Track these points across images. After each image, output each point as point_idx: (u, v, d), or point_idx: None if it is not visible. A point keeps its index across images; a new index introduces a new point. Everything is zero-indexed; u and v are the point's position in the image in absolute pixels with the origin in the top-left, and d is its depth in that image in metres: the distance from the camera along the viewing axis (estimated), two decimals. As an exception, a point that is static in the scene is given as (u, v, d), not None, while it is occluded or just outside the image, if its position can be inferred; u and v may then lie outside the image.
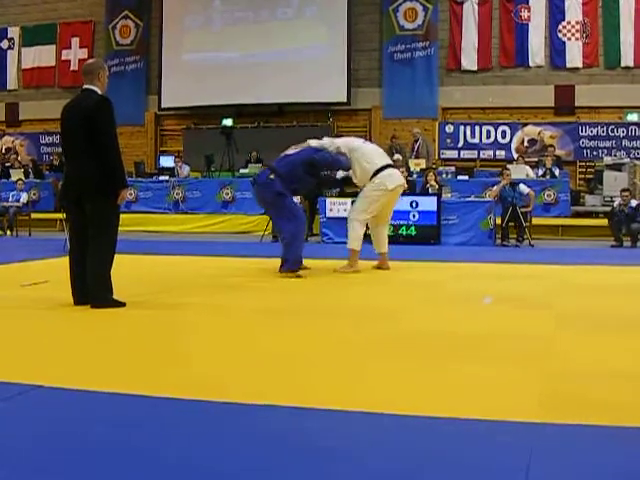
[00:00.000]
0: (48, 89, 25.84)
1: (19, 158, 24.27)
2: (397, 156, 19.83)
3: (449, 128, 21.77)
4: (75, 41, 25.62)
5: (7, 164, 23.32)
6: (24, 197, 19.03)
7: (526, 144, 21.31)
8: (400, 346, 5.64)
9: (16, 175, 21.10)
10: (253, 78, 22.80)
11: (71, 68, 25.58)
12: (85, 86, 7.53)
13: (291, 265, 10.02)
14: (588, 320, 6.79)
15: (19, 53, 26.32)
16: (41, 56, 25.96)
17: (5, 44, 26.42)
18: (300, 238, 10.35)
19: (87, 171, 7.22)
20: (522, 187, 16.20)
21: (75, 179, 7.34)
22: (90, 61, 8.24)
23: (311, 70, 22.54)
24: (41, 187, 21.56)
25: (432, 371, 4.83)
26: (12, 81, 26.41)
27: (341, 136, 13.52)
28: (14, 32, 26.31)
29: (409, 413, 3.90)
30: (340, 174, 11.08)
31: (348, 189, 12.62)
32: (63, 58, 25.73)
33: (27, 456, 3.32)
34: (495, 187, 16.36)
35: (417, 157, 20.33)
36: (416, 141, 20.85)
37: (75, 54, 25.64)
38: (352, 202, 11.76)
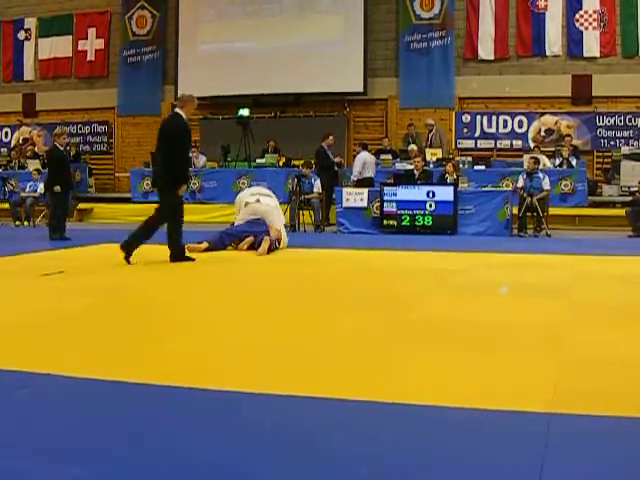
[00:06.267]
0: (65, 80, 25.88)
1: (36, 148, 24.35)
2: (412, 146, 19.82)
3: (466, 118, 21.70)
4: (91, 32, 25.60)
5: (27, 154, 23.42)
6: (41, 187, 19.06)
7: (543, 134, 21.21)
8: (415, 335, 5.65)
9: (32, 165, 21.17)
10: (270, 68, 22.74)
11: (88, 59, 25.59)
12: (176, 110, 10.66)
13: None
14: (604, 310, 6.78)
15: (36, 44, 26.28)
16: (58, 47, 25.94)
17: (22, 35, 26.43)
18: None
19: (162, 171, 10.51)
20: (545, 181, 16.15)
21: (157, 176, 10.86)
22: (185, 93, 11.27)
23: (327, 60, 22.44)
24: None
25: (447, 360, 4.84)
26: (29, 72, 26.41)
27: None
28: (31, 23, 26.30)
29: (423, 403, 3.91)
30: None
31: None
32: (80, 49, 25.73)
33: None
34: (520, 179, 16.31)
35: (431, 147, 20.27)
36: (430, 131, 20.80)
37: (91, 45, 25.62)
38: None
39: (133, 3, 24.99)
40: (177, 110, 10.67)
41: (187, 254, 10.80)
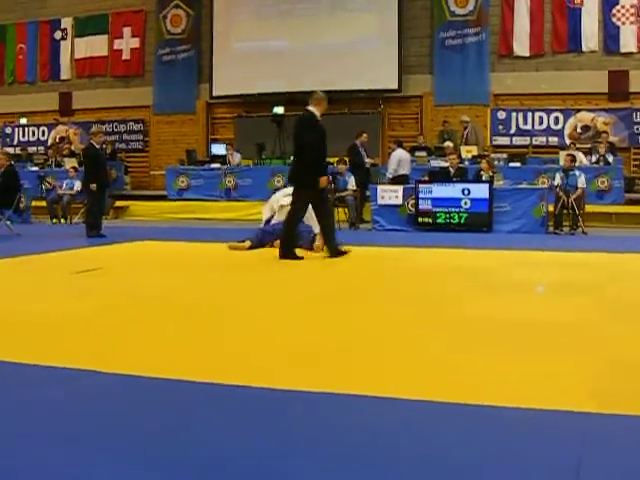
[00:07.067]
0: (100, 78, 26.09)
1: (72, 147, 24.53)
2: (447, 143, 19.77)
3: (501, 114, 21.61)
4: (127, 31, 25.78)
5: (64, 153, 23.59)
6: (77, 185, 19.19)
7: (579, 130, 21.07)
8: (450, 333, 5.65)
9: (69, 163, 21.31)
10: (304, 65, 22.79)
11: (123, 57, 25.78)
12: (308, 108, 11.12)
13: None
14: (642, 309, 6.73)
15: (72, 43, 26.53)
16: (93, 46, 26.16)
17: (58, 35, 26.66)
18: None
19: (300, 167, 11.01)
20: (581, 179, 16.02)
21: (296, 172, 11.14)
22: (319, 93, 11.49)
23: (362, 57, 22.44)
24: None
25: (483, 359, 4.83)
26: (65, 71, 26.65)
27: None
28: (67, 23, 26.54)
29: (460, 401, 3.91)
30: None
31: None
32: (115, 48, 25.91)
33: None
34: (557, 176, 16.20)
35: (466, 144, 20.22)
36: (465, 128, 20.74)
37: (127, 44, 25.81)
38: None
39: (168, 2, 25.11)
40: (310, 108, 11.14)
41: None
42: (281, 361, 4.84)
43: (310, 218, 12.67)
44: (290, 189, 14.04)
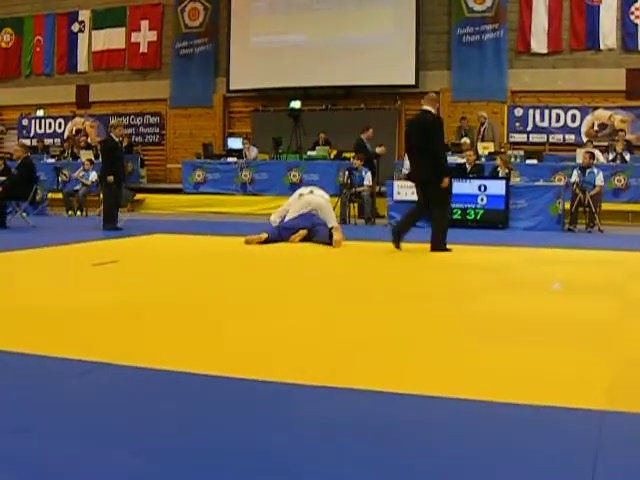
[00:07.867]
0: (118, 71, 26.13)
1: (88, 139, 24.58)
2: (464, 139, 19.73)
3: (518, 111, 21.53)
4: (144, 24, 25.78)
5: (80, 145, 23.65)
6: (93, 175, 19.25)
7: (596, 128, 20.98)
8: (465, 330, 5.65)
9: (85, 156, 21.36)
10: (321, 60, 22.76)
11: (140, 50, 25.79)
12: (426, 107, 11.29)
13: None
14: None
15: (89, 36, 26.55)
16: (111, 39, 26.18)
17: (76, 27, 26.68)
18: None
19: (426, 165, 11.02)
20: (599, 177, 15.96)
21: (421, 170, 11.19)
22: (433, 94, 12.16)
23: (379, 52, 22.40)
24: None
25: (499, 355, 4.83)
26: (82, 63, 26.68)
27: None
28: (84, 15, 26.56)
29: (475, 398, 3.90)
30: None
31: None
32: (133, 41, 25.92)
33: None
34: (574, 173, 16.15)
35: (483, 140, 20.19)
36: (482, 124, 20.70)
37: (144, 37, 25.82)
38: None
39: (185, -5, 25.14)
40: (427, 107, 11.31)
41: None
42: (295, 356, 4.85)
43: (326, 211, 12.65)
44: (307, 188, 13.98)
